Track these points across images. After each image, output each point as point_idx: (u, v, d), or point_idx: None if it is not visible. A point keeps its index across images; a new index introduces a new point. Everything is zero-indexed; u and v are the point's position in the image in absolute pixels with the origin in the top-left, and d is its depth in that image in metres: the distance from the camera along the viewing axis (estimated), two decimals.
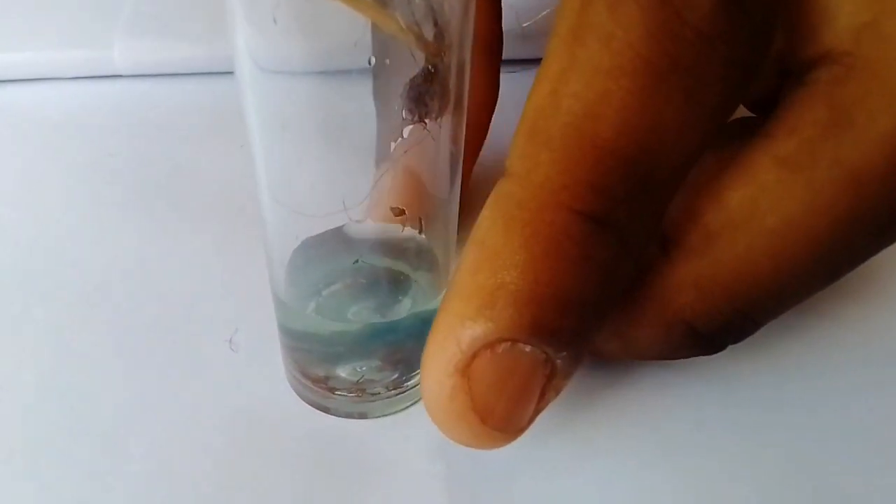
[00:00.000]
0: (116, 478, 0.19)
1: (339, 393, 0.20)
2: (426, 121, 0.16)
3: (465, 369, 0.13)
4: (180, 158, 0.30)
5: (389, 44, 0.15)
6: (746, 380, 0.23)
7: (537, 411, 0.15)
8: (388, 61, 0.15)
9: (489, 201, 0.14)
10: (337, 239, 0.18)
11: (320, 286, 0.19)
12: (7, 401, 0.21)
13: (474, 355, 0.13)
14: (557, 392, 0.15)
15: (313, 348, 0.20)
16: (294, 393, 0.21)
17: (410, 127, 0.16)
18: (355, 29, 0.15)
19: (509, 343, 0.13)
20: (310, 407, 0.21)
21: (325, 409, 0.21)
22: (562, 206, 0.13)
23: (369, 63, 0.16)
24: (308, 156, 0.17)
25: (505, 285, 0.13)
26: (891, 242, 0.16)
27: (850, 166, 0.14)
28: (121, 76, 0.33)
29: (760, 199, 0.15)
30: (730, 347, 0.18)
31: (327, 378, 0.20)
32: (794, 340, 0.24)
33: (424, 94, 0.16)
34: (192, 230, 0.27)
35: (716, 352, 0.18)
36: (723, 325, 0.17)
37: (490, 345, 0.13)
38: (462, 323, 0.13)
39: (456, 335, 0.13)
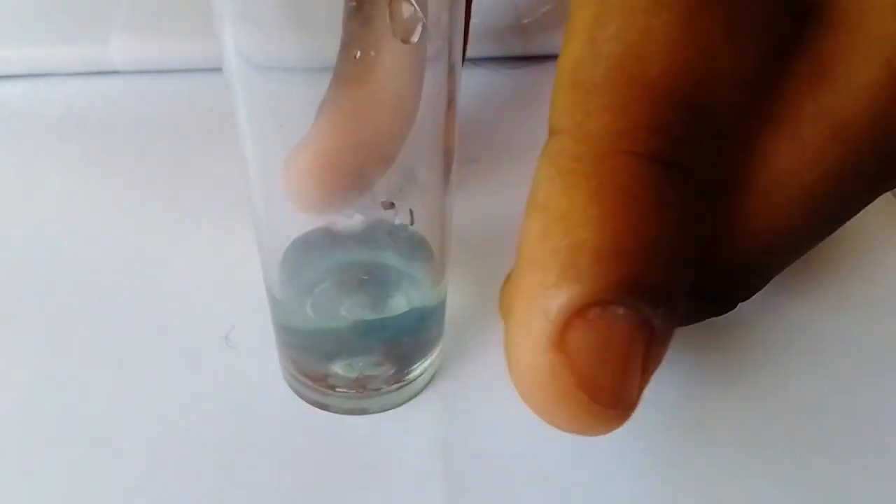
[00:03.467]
0: (112, 473, 0.19)
1: (339, 390, 0.20)
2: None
3: (560, 343, 0.12)
4: (177, 155, 0.29)
5: None
6: (748, 380, 0.22)
7: (642, 385, 0.13)
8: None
9: (540, 164, 0.13)
10: (327, 236, 0.18)
11: (313, 284, 0.19)
12: (2, 395, 0.21)
13: (566, 325, 0.12)
14: (658, 362, 0.14)
15: (309, 346, 0.20)
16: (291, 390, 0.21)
17: None
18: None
19: (600, 308, 0.12)
20: (307, 403, 0.21)
21: (325, 407, 0.20)
22: (624, 152, 0.12)
23: (355, 57, 0.16)
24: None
25: (583, 243, 0.12)
26: (886, 190, 0.16)
27: (834, 118, 0.14)
28: (118, 72, 0.33)
29: (748, 158, 0.14)
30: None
31: (326, 376, 0.20)
32: (797, 340, 0.24)
33: None
34: (189, 227, 0.26)
35: (727, 310, 0.17)
36: (729, 283, 0.16)
37: (580, 312, 0.12)
38: (545, 292, 0.12)
39: (541, 307, 0.12)
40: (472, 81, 0.33)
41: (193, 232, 0.26)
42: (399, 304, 0.19)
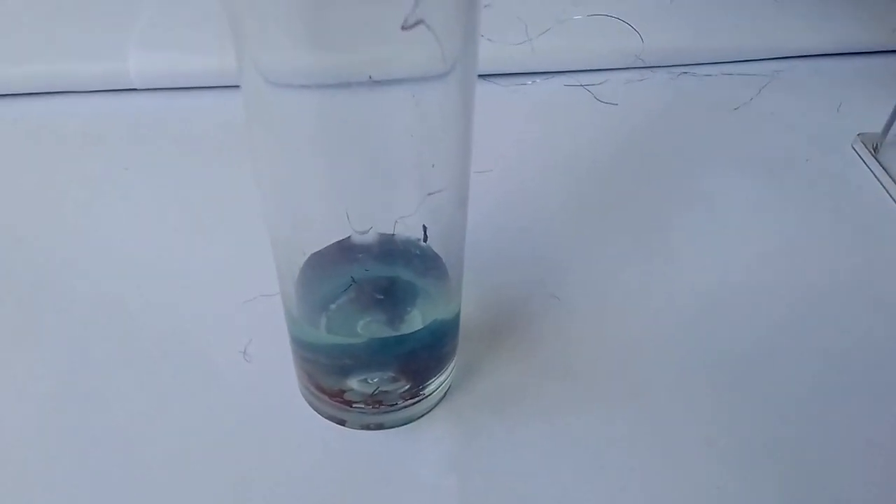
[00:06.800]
0: (130, 484, 0.20)
1: (355, 405, 0.20)
2: None
3: None
4: (194, 171, 0.30)
5: None
6: (750, 387, 0.22)
7: None
8: None
9: None
10: (342, 252, 0.18)
11: (329, 300, 0.19)
12: (25, 408, 0.21)
13: None
14: None
15: (325, 361, 0.20)
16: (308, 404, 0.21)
17: None
18: (361, 44, 0.15)
19: None
20: (324, 418, 0.21)
21: (341, 422, 0.21)
22: None
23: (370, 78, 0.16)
24: (311, 169, 0.17)
25: None
26: None
27: None
28: (136, 90, 0.34)
29: None
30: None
31: (342, 391, 0.20)
32: (796, 346, 0.24)
33: None
34: (206, 242, 0.27)
35: None
36: None
37: None
38: None
39: None
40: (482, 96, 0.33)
41: (210, 247, 0.26)
42: (414, 320, 0.19)
